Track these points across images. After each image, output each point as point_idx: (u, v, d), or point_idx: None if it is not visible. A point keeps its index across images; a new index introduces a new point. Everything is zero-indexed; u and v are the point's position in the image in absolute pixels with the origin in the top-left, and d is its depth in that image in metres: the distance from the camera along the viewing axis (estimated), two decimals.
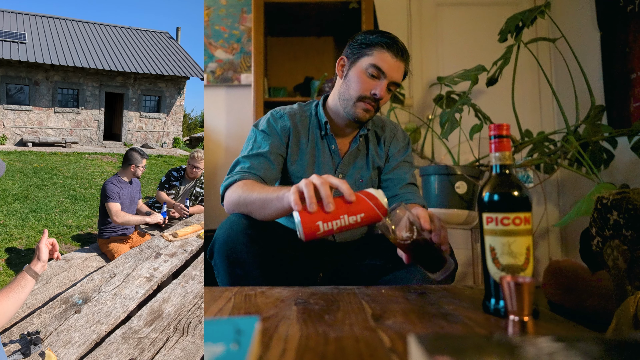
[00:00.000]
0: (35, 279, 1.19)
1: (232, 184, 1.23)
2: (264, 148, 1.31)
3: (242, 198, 1.15)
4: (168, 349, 1.18)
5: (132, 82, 9.90)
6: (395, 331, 0.67)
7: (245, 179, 1.23)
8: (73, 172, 6.53)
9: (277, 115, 1.39)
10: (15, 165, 6.57)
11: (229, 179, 1.25)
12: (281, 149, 1.34)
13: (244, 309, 0.83)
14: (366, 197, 0.92)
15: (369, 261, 1.30)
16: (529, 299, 0.61)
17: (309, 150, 1.37)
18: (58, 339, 1.18)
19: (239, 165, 1.29)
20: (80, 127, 9.55)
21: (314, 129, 1.39)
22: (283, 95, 2.86)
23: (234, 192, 1.20)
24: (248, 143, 1.36)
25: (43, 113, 9.13)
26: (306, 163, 1.36)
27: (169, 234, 2.10)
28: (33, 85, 8.97)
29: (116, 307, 1.37)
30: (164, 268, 1.72)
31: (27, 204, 4.68)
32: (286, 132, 1.36)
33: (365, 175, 1.40)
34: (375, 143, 1.43)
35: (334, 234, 1.02)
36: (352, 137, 1.40)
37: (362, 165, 1.40)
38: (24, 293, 1.16)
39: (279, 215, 1.08)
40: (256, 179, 1.25)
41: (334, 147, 1.38)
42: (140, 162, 2.51)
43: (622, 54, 2.39)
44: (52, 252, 1.25)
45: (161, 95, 10.29)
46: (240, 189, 1.19)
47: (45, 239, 1.24)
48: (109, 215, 2.39)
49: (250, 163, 1.28)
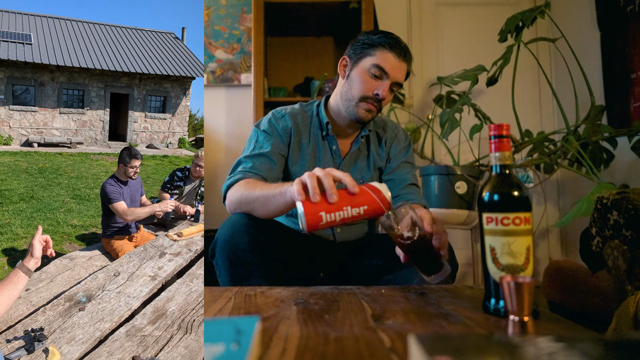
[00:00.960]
0: (28, 275, 1.20)
1: (234, 183, 1.23)
2: (266, 148, 1.31)
3: (244, 196, 1.16)
4: (171, 346, 1.18)
5: (137, 83, 9.91)
6: (395, 331, 0.67)
7: (247, 178, 1.23)
8: (78, 172, 6.55)
9: (279, 115, 1.39)
10: (20, 166, 6.60)
11: (231, 178, 1.25)
12: (283, 149, 1.34)
13: (244, 309, 0.83)
14: (370, 190, 0.91)
15: (369, 261, 1.30)
16: (529, 299, 0.61)
17: (310, 150, 1.37)
18: (62, 336, 1.18)
19: (241, 165, 1.29)
20: (86, 128, 9.58)
21: (315, 129, 1.39)
22: (283, 95, 2.86)
23: (236, 191, 1.20)
24: (250, 143, 1.36)
25: (48, 114, 9.17)
26: (307, 163, 1.36)
27: (174, 233, 2.10)
28: (39, 86, 9.00)
29: (120, 306, 1.37)
30: (168, 267, 1.72)
31: (32, 203, 4.70)
32: (287, 132, 1.36)
33: (365, 176, 1.40)
34: (376, 144, 1.43)
35: (337, 226, 1.02)
36: (354, 138, 1.40)
37: (363, 166, 1.40)
38: (16, 290, 1.17)
39: (282, 211, 1.08)
40: (258, 179, 1.25)
41: (335, 148, 1.38)
42: (128, 162, 2.46)
43: (622, 54, 2.39)
44: (46, 249, 1.25)
45: (166, 96, 10.30)
46: (242, 187, 1.19)
47: (39, 235, 1.24)
48: (118, 216, 2.39)
49: (252, 163, 1.28)
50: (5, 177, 5.71)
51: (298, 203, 0.89)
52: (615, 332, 0.74)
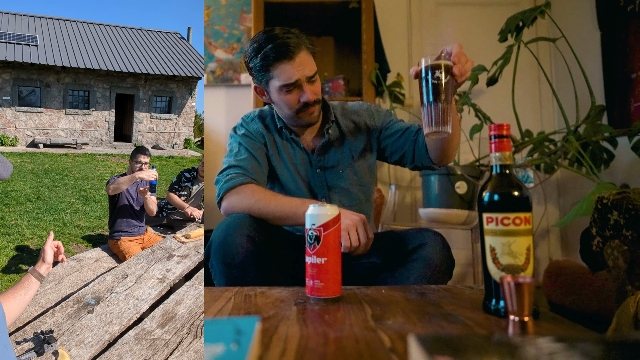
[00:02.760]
0: (40, 280, 1.20)
1: (233, 187, 1.23)
2: (250, 151, 1.34)
3: (257, 207, 1.19)
4: (182, 350, 1.18)
5: (142, 83, 9.91)
6: (395, 331, 0.67)
7: (248, 184, 1.24)
8: (84, 173, 6.57)
9: (249, 119, 1.42)
10: (26, 167, 6.61)
11: (228, 182, 1.25)
12: (263, 149, 1.37)
13: (244, 309, 0.83)
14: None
15: (367, 259, 1.29)
16: (529, 299, 0.61)
17: (284, 149, 1.39)
18: (71, 338, 1.18)
19: (231, 169, 1.30)
20: (91, 129, 9.59)
21: (276, 138, 1.40)
22: None
23: (242, 199, 1.21)
24: (232, 147, 1.38)
25: (54, 115, 9.18)
26: (288, 162, 1.38)
27: (182, 235, 2.09)
28: (44, 87, 9.02)
29: (129, 308, 1.37)
30: (176, 269, 1.71)
31: (38, 204, 4.71)
32: (259, 134, 1.38)
33: (345, 163, 1.38)
34: (352, 130, 1.41)
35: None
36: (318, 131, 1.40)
37: (338, 157, 1.39)
38: (28, 295, 1.17)
39: (299, 225, 1.18)
40: (255, 183, 1.27)
41: (303, 146, 1.38)
42: (136, 158, 2.44)
43: (622, 54, 2.39)
44: (57, 255, 1.26)
45: (172, 96, 10.29)
46: (249, 196, 1.21)
47: (50, 241, 1.25)
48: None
49: (242, 167, 1.29)
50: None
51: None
52: (616, 332, 0.74)
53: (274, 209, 1.16)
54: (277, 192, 1.36)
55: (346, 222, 1.08)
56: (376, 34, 2.73)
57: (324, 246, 0.86)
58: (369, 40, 2.65)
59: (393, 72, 2.86)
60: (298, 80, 1.22)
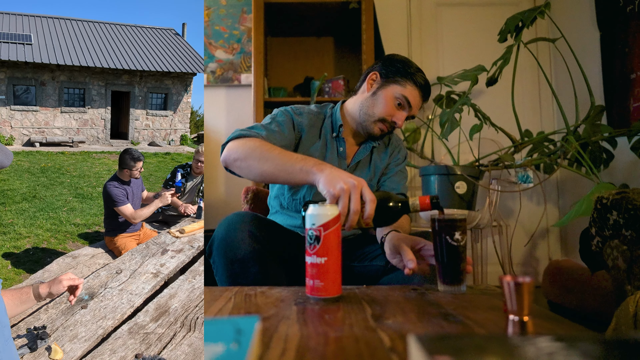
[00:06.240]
0: (37, 300, 1.17)
1: (237, 137, 1.22)
2: (282, 125, 1.34)
3: (259, 151, 1.14)
4: (175, 344, 1.18)
5: (138, 80, 9.90)
6: (395, 331, 0.67)
7: (255, 137, 1.22)
8: (80, 171, 6.58)
9: (297, 112, 1.43)
10: (23, 165, 6.62)
11: (235, 133, 1.24)
12: (295, 135, 1.39)
13: (244, 309, 0.83)
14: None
15: (369, 262, 1.30)
16: (529, 299, 0.61)
17: (319, 149, 1.41)
18: (64, 333, 1.18)
19: (254, 129, 1.28)
20: (87, 127, 9.58)
21: (326, 129, 1.44)
22: (283, 95, 2.86)
23: (246, 143, 1.18)
24: (267, 118, 1.38)
25: (50, 113, 9.17)
26: (320, 145, 1.41)
27: (176, 230, 2.10)
28: (39, 86, 9.01)
29: (122, 303, 1.38)
30: (170, 264, 1.72)
31: (35, 203, 4.72)
32: (301, 127, 1.40)
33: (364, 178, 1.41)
34: (380, 152, 1.49)
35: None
36: (359, 143, 1.46)
37: (364, 171, 1.46)
38: (20, 308, 1.15)
39: (295, 184, 1.18)
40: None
41: (342, 150, 1.42)
42: (134, 166, 2.50)
43: (622, 54, 2.39)
44: (73, 290, 1.20)
45: (168, 93, 10.28)
46: (256, 143, 1.18)
47: (70, 275, 1.20)
48: (125, 219, 2.41)
49: (267, 131, 1.28)
50: (7, 177, 5.72)
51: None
52: (615, 332, 0.74)
53: (277, 156, 1.11)
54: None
55: (339, 185, 0.93)
56: (376, 34, 2.73)
57: (324, 246, 0.86)
58: (369, 41, 2.65)
59: None
60: (411, 107, 1.33)
